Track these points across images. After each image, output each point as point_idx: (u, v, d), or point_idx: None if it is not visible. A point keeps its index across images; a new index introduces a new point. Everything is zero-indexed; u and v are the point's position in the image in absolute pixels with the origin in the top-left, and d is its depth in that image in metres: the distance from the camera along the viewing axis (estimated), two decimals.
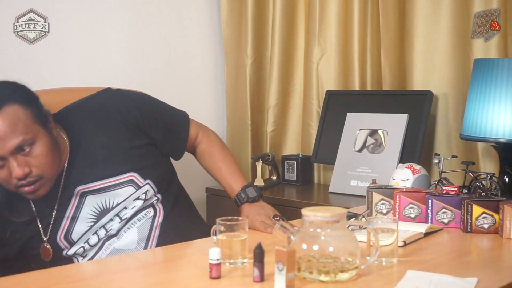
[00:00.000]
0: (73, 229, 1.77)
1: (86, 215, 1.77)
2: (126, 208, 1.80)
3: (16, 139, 1.62)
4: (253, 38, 3.04)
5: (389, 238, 1.49)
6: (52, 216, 1.77)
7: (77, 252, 1.79)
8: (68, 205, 1.77)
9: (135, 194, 1.80)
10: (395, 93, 2.68)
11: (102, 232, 1.79)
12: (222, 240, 1.46)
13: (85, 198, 1.77)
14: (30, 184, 1.67)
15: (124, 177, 1.79)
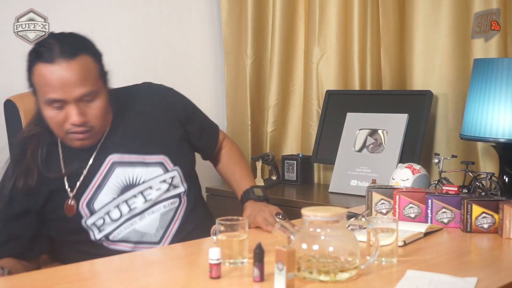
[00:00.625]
0: (96, 198, 1.80)
1: (112, 186, 1.81)
2: (151, 188, 1.84)
3: (84, 88, 1.71)
4: (253, 38, 3.04)
5: (389, 238, 1.49)
6: (79, 179, 1.81)
7: (96, 222, 1.79)
8: (97, 172, 1.81)
9: (162, 176, 1.86)
10: (395, 93, 2.68)
11: (125, 209, 1.81)
12: (222, 240, 1.46)
13: (114, 168, 1.82)
14: (82, 133, 1.76)
15: (156, 157, 1.86)
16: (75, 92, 1.70)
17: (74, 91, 1.70)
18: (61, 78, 1.69)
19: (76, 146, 1.79)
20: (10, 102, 2.04)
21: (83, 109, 1.74)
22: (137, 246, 1.81)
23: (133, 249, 1.80)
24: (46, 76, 1.69)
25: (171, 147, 1.91)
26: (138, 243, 1.82)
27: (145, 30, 2.85)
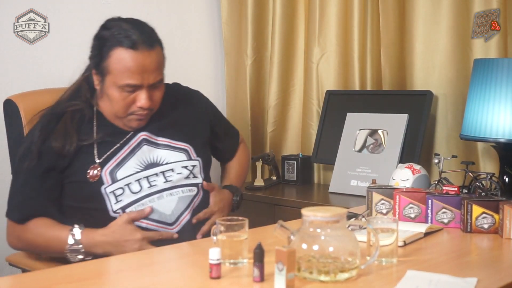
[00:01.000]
0: (121, 168, 1.86)
1: (136, 161, 1.88)
2: (173, 171, 1.91)
3: (158, 76, 1.87)
4: (253, 38, 3.04)
5: (389, 238, 1.49)
6: (109, 148, 1.89)
7: (115, 191, 1.84)
8: (126, 145, 1.90)
9: (185, 162, 1.94)
10: (395, 93, 2.68)
11: (145, 184, 1.86)
12: (222, 240, 1.46)
13: (142, 145, 1.91)
14: (144, 115, 1.89)
15: (182, 144, 1.96)
16: (150, 79, 1.84)
17: (149, 78, 1.84)
18: (143, 65, 1.81)
19: (132, 126, 1.91)
20: (10, 101, 2.04)
21: (151, 94, 1.87)
22: (150, 224, 1.84)
23: (147, 226, 1.83)
24: (128, 61, 1.81)
25: (196, 140, 2.00)
26: (152, 220, 1.85)
27: None
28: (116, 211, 1.84)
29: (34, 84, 2.36)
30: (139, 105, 1.85)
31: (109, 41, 1.85)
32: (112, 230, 1.78)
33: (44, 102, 2.08)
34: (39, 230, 1.83)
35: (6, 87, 2.39)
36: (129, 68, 1.81)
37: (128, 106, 1.86)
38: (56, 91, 2.24)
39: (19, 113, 2.02)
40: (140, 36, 1.82)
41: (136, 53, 1.81)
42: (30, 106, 2.03)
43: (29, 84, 2.37)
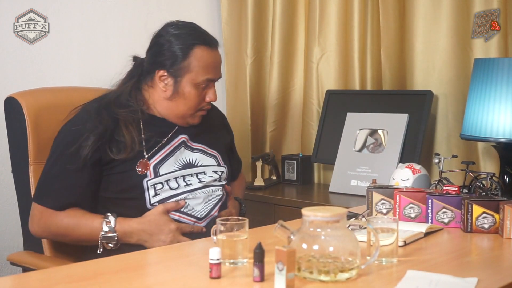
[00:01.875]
0: (163, 164, 1.96)
1: (175, 160, 1.98)
2: (205, 174, 2.02)
3: (221, 73, 2.05)
4: (253, 38, 3.04)
5: (389, 238, 1.49)
6: (156, 145, 1.97)
7: (156, 185, 1.92)
8: (169, 144, 1.99)
9: (215, 167, 2.06)
10: (395, 93, 2.68)
11: (182, 183, 1.96)
12: (222, 240, 1.46)
13: (181, 147, 2.02)
14: (207, 110, 2.04)
15: (213, 151, 2.08)
16: (219, 74, 2.02)
17: (219, 74, 2.02)
18: (218, 62, 2.02)
19: (195, 122, 2.03)
20: (12, 99, 2.04)
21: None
22: (182, 217, 1.93)
23: (179, 218, 1.91)
24: (209, 59, 1.98)
25: (223, 152, 2.13)
26: (184, 214, 1.93)
27: (145, 30, 2.84)
28: (153, 203, 1.91)
29: (34, 84, 2.36)
30: (209, 99, 2.00)
31: (187, 41, 1.96)
32: (148, 219, 1.86)
33: (47, 100, 2.11)
34: (72, 218, 1.87)
35: (6, 87, 2.39)
36: (210, 64, 1.98)
37: (200, 101, 1.99)
38: (59, 90, 2.25)
39: (22, 110, 2.01)
40: (209, 35, 2.01)
41: (214, 52, 1.99)
42: (33, 104, 2.04)
43: (29, 84, 2.37)
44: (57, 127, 2.04)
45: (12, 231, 2.44)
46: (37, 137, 2.02)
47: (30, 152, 2.02)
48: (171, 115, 2.01)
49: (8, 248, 2.39)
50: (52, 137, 2.02)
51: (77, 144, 1.88)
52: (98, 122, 1.90)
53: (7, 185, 2.43)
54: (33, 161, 2.02)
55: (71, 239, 1.90)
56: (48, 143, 2.02)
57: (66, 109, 2.09)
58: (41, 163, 2.01)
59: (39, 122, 2.03)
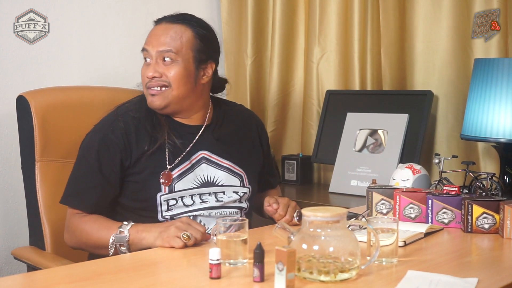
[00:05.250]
0: (180, 180, 1.89)
1: (194, 177, 1.91)
2: (224, 194, 1.94)
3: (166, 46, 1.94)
4: (253, 38, 3.04)
5: (389, 238, 1.49)
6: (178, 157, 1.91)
7: (169, 201, 1.87)
8: (187, 160, 1.92)
9: (237, 188, 1.97)
10: (395, 93, 2.68)
11: (197, 200, 1.90)
12: (222, 240, 1.46)
13: (202, 163, 1.94)
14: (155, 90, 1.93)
15: (238, 169, 1.98)
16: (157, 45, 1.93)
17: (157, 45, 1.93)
18: (159, 34, 1.95)
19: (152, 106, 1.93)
20: (22, 98, 2.07)
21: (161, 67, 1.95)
22: None
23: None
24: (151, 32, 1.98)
25: (250, 169, 2.02)
26: None
27: (145, 30, 2.84)
28: (164, 216, 1.87)
29: (34, 84, 2.36)
30: (144, 73, 1.91)
31: None
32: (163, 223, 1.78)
33: (56, 99, 2.14)
34: (93, 223, 1.83)
35: (5, 88, 2.39)
36: (149, 36, 1.95)
37: (144, 78, 1.92)
38: (68, 89, 2.27)
39: (30, 109, 2.03)
40: (164, 16, 1.98)
41: (158, 25, 1.96)
42: (41, 103, 2.07)
43: (28, 84, 2.37)
44: (64, 126, 2.09)
45: (14, 229, 2.44)
46: (44, 135, 2.05)
47: (36, 150, 2.05)
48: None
49: (14, 243, 2.40)
50: (60, 135, 2.08)
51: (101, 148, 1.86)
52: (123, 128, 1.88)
53: (8, 184, 2.42)
54: (39, 159, 2.05)
55: (92, 243, 1.83)
56: (55, 141, 2.07)
57: (74, 108, 2.14)
58: (47, 161, 2.06)
59: (47, 121, 2.06)
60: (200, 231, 1.68)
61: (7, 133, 2.39)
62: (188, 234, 1.65)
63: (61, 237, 1.96)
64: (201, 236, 1.67)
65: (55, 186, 2.04)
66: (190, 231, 1.66)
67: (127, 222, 1.76)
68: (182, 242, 1.64)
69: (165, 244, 1.66)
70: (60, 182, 1.98)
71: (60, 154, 2.09)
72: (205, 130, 1.97)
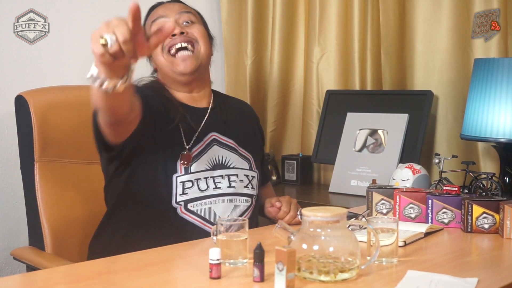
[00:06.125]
0: (195, 161, 1.86)
1: (207, 158, 1.89)
2: (237, 177, 1.92)
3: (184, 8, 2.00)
4: (253, 38, 3.04)
5: (389, 238, 1.49)
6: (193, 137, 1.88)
7: (186, 182, 1.83)
8: (200, 141, 1.90)
9: (247, 171, 1.95)
10: (395, 93, 2.68)
11: (211, 185, 1.87)
12: (222, 240, 1.46)
13: (213, 145, 1.92)
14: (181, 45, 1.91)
15: (246, 153, 1.98)
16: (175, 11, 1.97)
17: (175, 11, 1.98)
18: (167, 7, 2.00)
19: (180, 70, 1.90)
20: (21, 97, 2.06)
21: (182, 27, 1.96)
22: (205, 224, 1.84)
23: (202, 226, 1.83)
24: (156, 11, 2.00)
25: (255, 154, 2.02)
26: (208, 221, 1.85)
27: None
28: (178, 202, 1.82)
29: (34, 84, 2.36)
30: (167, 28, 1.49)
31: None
32: None
33: (54, 99, 2.13)
34: None
35: (5, 88, 2.39)
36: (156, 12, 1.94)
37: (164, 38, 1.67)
38: (67, 89, 2.26)
39: (29, 109, 2.03)
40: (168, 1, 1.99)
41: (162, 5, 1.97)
42: (40, 103, 2.06)
43: (28, 84, 2.37)
44: (63, 125, 2.08)
45: (14, 229, 2.44)
46: (43, 135, 2.04)
47: (35, 150, 2.04)
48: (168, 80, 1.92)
49: (13, 244, 2.40)
50: (58, 135, 2.07)
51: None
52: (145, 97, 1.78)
53: (8, 184, 2.43)
54: (38, 159, 2.04)
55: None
56: (53, 141, 2.06)
57: (73, 108, 2.13)
58: (46, 161, 2.05)
59: (45, 120, 2.05)
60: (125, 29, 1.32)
61: (8, 133, 2.39)
62: (108, 39, 1.32)
63: (61, 237, 1.96)
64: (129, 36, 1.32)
65: (54, 186, 2.04)
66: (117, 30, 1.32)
67: None
68: (101, 47, 1.34)
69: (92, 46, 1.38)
70: (60, 182, 1.98)
71: (60, 154, 2.08)
72: (211, 112, 1.96)
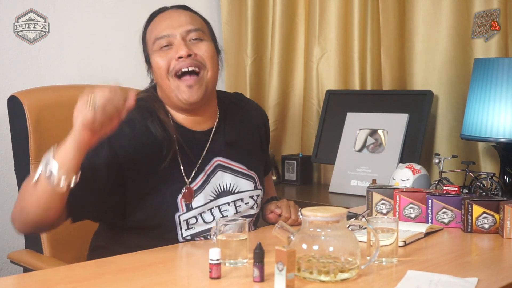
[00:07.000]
0: (197, 195, 1.74)
1: (211, 188, 1.77)
2: (242, 201, 1.82)
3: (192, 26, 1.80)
4: (253, 38, 3.04)
5: (389, 238, 1.49)
6: (193, 169, 1.75)
7: (189, 220, 1.73)
8: (200, 174, 1.76)
9: (252, 192, 1.85)
10: (395, 93, 2.68)
11: (217, 214, 1.77)
12: (222, 240, 1.46)
13: (217, 171, 1.79)
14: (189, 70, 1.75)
15: (251, 172, 1.86)
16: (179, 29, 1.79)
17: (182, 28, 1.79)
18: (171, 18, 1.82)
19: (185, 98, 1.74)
20: (15, 98, 2.04)
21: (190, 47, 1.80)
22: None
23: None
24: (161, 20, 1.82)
25: (258, 168, 1.91)
26: None
27: None
28: (185, 237, 1.73)
29: (34, 84, 2.35)
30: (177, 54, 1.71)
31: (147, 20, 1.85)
32: None
33: (49, 99, 2.10)
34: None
35: (5, 88, 2.39)
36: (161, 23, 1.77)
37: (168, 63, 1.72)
38: (61, 88, 2.25)
39: (23, 109, 2.02)
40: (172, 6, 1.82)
41: (166, 12, 1.80)
42: (35, 103, 2.04)
43: (29, 84, 2.36)
44: (58, 126, 2.04)
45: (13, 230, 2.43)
46: (38, 136, 2.02)
47: (31, 151, 2.02)
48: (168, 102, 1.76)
49: (10, 247, 2.40)
50: (54, 135, 2.01)
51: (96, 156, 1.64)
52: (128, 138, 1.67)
53: (8, 185, 2.43)
54: (34, 160, 2.02)
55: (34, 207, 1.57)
56: (49, 142, 2.01)
57: (68, 108, 2.06)
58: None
59: (41, 121, 2.03)
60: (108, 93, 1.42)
61: (7, 133, 2.38)
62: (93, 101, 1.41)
63: (58, 240, 1.94)
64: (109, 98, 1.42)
65: None
66: (97, 93, 1.42)
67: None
68: (89, 112, 1.41)
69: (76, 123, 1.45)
70: None
71: None
72: (215, 134, 1.81)
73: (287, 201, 1.92)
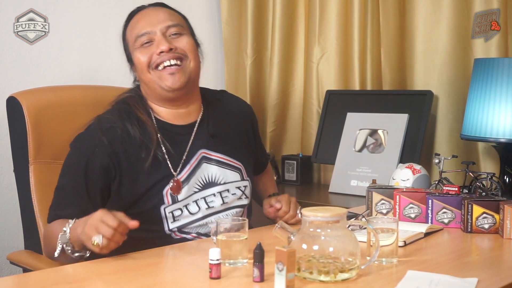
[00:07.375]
0: (182, 188, 1.80)
1: (196, 180, 1.82)
2: (228, 191, 1.86)
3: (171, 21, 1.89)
4: (253, 38, 3.04)
5: (389, 238, 1.49)
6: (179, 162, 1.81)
7: (174, 212, 1.77)
8: (187, 164, 1.82)
9: (239, 183, 1.89)
10: (395, 93, 2.68)
11: (203, 205, 1.81)
12: (222, 240, 1.46)
13: (202, 163, 1.84)
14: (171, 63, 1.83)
15: (237, 163, 1.90)
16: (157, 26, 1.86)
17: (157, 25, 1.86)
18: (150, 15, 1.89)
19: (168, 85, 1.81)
20: (13, 98, 2.04)
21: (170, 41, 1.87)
22: (203, 238, 1.80)
23: (194, 239, 1.80)
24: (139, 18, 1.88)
25: (245, 159, 1.95)
26: (206, 235, 1.81)
27: None
28: (172, 229, 1.78)
29: (34, 84, 2.36)
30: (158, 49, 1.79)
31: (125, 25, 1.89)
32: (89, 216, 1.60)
33: (47, 100, 2.10)
34: (52, 226, 1.71)
35: (5, 88, 2.39)
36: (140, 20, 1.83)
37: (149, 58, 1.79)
38: (60, 89, 2.25)
39: (22, 110, 2.01)
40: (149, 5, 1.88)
41: (144, 10, 1.86)
42: (33, 103, 2.04)
43: (29, 84, 2.36)
44: (57, 126, 2.05)
45: (13, 231, 2.44)
46: (37, 137, 2.02)
47: (30, 152, 2.02)
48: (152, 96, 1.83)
49: (9, 247, 2.40)
50: (53, 136, 2.04)
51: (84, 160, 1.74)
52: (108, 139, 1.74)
53: (7, 185, 2.43)
54: (33, 161, 2.02)
55: (51, 251, 1.67)
56: (48, 143, 2.03)
57: (67, 108, 2.10)
58: (41, 163, 2.02)
59: (39, 122, 2.03)
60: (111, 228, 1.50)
61: (7, 134, 2.38)
62: (97, 240, 1.49)
63: None
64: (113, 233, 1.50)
65: (50, 188, 1.98)
66: (101, 231, 1.50)
67: (72, 220, 1.61)
68: (96, 248, 1.51)
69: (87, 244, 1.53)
70: (55, 184, 1.97)
71: (54, 156, 2.03)
72: (199, 127, 1.87)
73: (288, 196, 1.93)
